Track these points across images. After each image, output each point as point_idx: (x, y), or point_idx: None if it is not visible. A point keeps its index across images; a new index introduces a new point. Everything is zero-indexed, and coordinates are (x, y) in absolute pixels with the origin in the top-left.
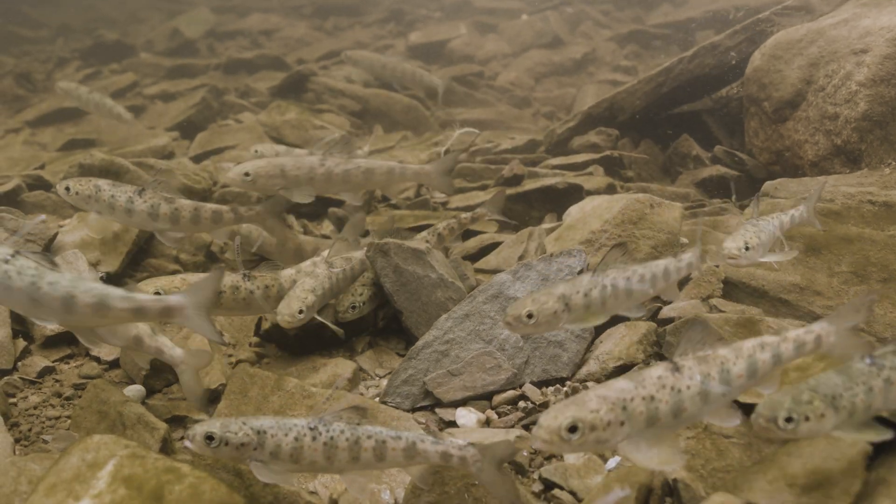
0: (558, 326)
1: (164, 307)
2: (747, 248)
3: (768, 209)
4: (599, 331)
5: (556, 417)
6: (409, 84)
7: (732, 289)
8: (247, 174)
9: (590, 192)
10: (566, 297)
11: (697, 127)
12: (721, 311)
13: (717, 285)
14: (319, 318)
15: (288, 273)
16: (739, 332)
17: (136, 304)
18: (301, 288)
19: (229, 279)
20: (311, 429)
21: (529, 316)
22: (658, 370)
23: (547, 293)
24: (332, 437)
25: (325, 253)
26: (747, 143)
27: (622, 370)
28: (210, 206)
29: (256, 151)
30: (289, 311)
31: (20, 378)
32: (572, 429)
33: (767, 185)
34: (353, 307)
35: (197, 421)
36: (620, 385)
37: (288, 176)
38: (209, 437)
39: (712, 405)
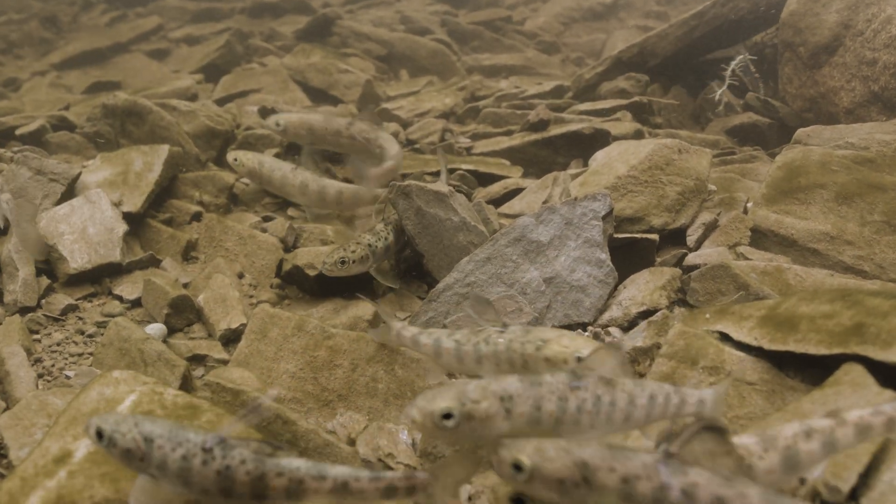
0: (491, 435)
1: None
2: None
3: None
4: (623, 276)
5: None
6: None
7: (761, 237)
8: None
9: (617, 138)
10: (509, 397)
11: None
12: (748, 258)
13: (745, 233)
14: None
15: None
16: (766, 280)
17: None
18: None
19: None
20: (204, 449)
21: (447, 416)
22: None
23: (481, 388)
24: (227, 467)
25: None
26: (780, 89)
27: (645, 315)
28: None
29: None
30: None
31: (44, 315)
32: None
33: (800, 133)
34: (342, 262)
35: (217, 360)
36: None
37: None
38: (99, 433)
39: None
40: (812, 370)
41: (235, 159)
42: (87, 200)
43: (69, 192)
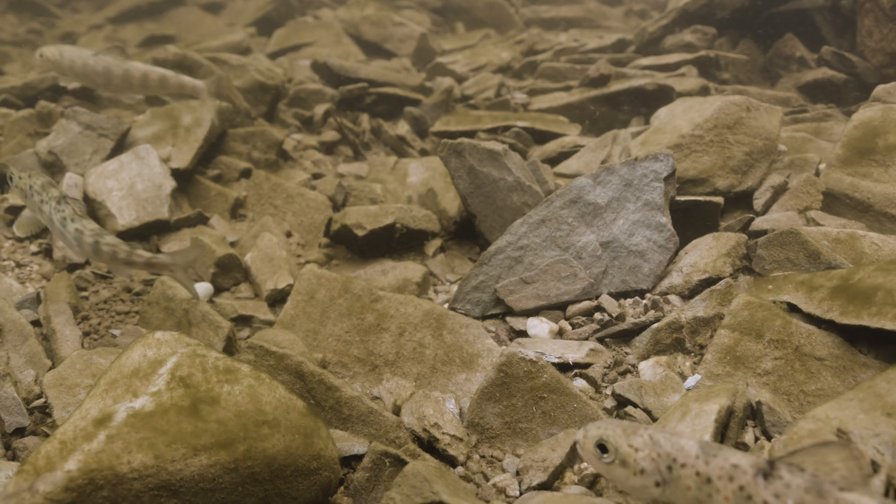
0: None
1: None
2: None
3: None
4: (685, 241)
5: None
6: None
7: (833, 201)
8: None
9: (681, 95)
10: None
11: (804, 26)
12: (820, 224)
13: (817, 197)
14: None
15: None
16: (839, 247)
17: None
18: None
19: None
20: None
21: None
22: (742, 459)
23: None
24: None
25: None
26: (859, 43)
27: (707, 284)
28: None
29: None
30: None
31: (92, 272)
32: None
33: (879, 90)
34: (10, 177)
35: (263, 321)
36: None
37: None
38: None
39: None
40: (888, 347)
41: (41, 55)
42: (135, 156)
43: (118, 148)
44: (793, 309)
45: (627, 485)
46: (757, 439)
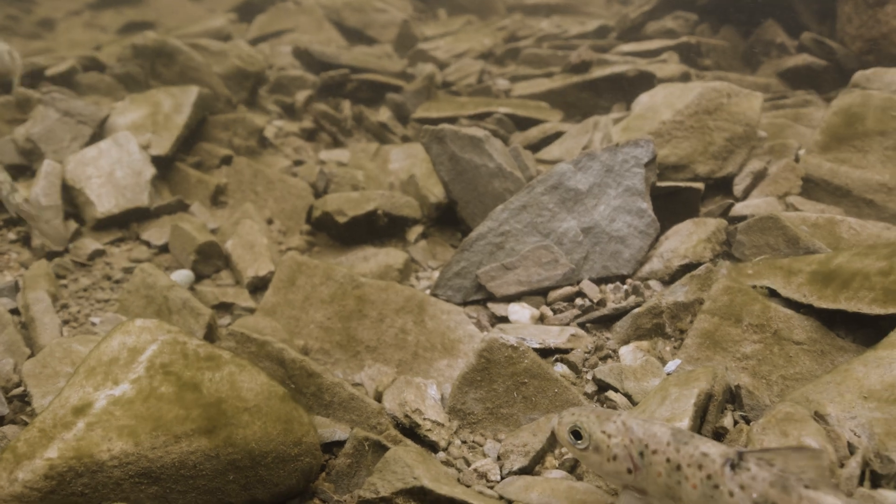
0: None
1: None
2: None
3: None
4: (665, 227)
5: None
6: None
7: (813, 187)
8: None
9: (662, 81)
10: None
11: (785, 12)
12: (799, 209)
13: (797, 182)
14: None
15: None
16: (818, 232)
17: None
18: None
19: None
20: None
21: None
22: (711, 448)
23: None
24: None
25: None
26: (839, 30)
27: (687, 269)
28: None
29: None
30: None
31: (71, 260)
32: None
33: (858, 76)
34: None
35: (244, 308)
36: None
37: None
38: None
39: None
40: (865, 330)
41: None
42: (115, 143)
43: (97, 135)
44: (772, 293)
45: (601, 470)
46: (736, 423)
